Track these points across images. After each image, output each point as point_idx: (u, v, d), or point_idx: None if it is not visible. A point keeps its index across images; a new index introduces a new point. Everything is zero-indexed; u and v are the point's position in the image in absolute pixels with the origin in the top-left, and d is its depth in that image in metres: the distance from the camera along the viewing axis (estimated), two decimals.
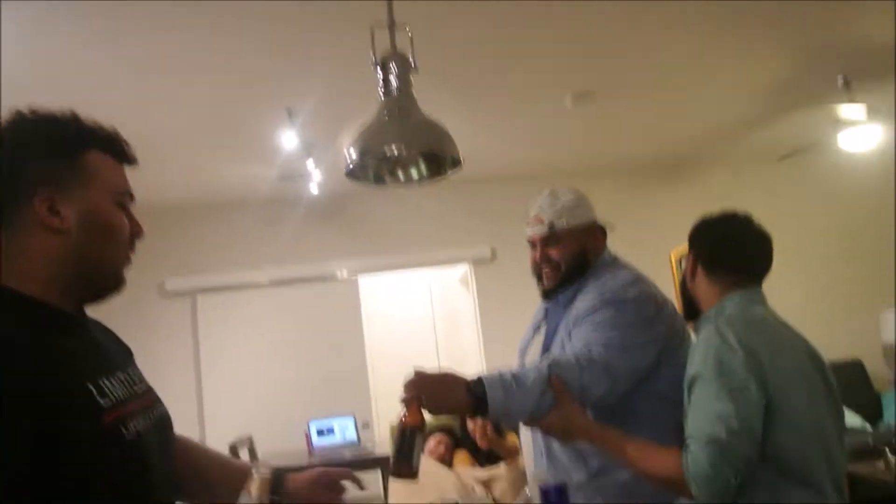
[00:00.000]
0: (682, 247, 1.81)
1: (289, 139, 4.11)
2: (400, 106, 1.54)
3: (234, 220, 5.61)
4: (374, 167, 1.64)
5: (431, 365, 6.64)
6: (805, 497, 1.43)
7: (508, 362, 5.67)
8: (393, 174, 1.67)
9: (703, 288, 1.72)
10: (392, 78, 1.56)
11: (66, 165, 1.08)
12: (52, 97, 1.26)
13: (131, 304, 5.39)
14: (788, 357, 1.53)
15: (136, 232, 1.19)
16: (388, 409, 6.37)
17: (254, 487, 1.15)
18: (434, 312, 6.96)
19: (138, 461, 1.07)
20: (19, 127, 1.07)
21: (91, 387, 1.02)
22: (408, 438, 1.40)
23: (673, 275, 5.68)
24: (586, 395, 1.62)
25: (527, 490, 1.37)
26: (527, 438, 2.05)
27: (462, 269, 6.05)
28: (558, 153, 5.35)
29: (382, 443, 4.18)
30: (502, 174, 5.60)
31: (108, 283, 1.15)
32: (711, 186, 5.86)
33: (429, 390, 1.51)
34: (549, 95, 4.17)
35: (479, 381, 1.55)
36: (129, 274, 1.13)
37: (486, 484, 3.13)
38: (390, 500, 3.13)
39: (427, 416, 1.47)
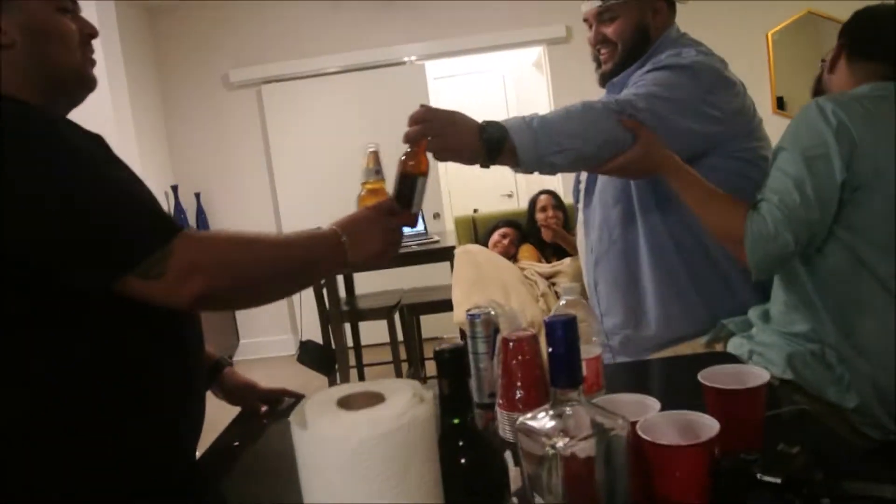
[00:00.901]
0: (780, 26, 1.55)
1: None
2: None
3: (295, 5, 5.33)
4: None
5: None
6: (886, 268, 1.33)
7: None
8: None
9: (840, 80, 1.49)
10: None
11: None
12: None
13: (198, 98, 5.43)
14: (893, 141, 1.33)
15: (87, 33, 1.20)
16: (459, 200, 6.38)
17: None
18: (507, 99, 6.67)
19: None
20: None
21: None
22: (408, 184, 1.31)
23: (769, 57, 5.15)
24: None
25: (562, 287, 1.27)
26: (580, 242, 1.94)
27: (535, 52, 5.66)
28: None
29: (451, 234, 4.16)
30: None
31: (72, 85, 1.18)
32: None
33: (436, 129, 1.36)
34: None
35: (496, 123, 1.41)
36: (194, 67, 1.09)
37: (549, 278, 3.09)
38: (453, 290, 3.14)
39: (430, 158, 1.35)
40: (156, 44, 5.40)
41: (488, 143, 1.39)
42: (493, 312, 1.29)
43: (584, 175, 1.90)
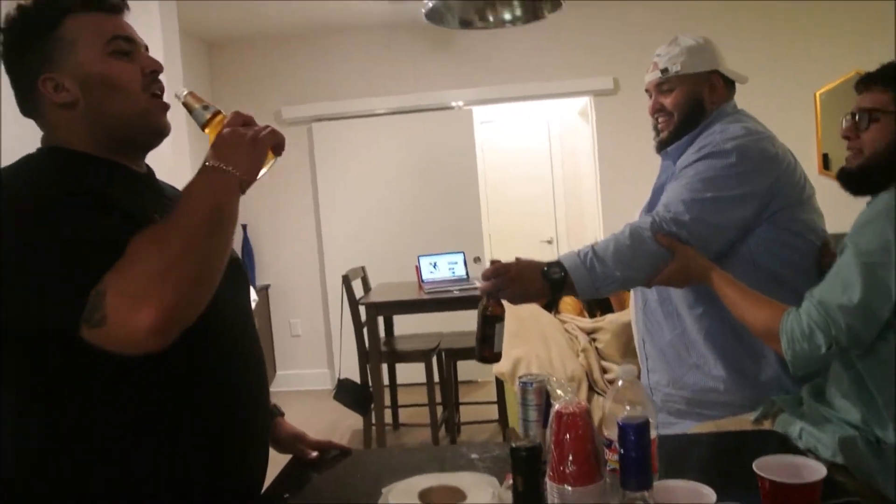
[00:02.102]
0: (829, 86, 1.57)
1: None
2: None
3: (348, 46, 5.47)
4: (460, 10, 1.45)
5: (547, 203, 6.55)
6: None
7: (624, 200, 5.50)
8: (482, 16, 1.48)
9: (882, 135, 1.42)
10: None
11: (49, 43, 1.12)
12: None
13: None
14: None
15: (150, 70, 1.19)
16: (501, 246, 6.41)
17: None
18: (550, 145, 6.71)
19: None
20: (6, 33, 1.14)
21: (153, 214, 1.09)
22: (489, 326, 1.52)
23: (816, 116, 5.14)
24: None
25: (619, 376, 1.29)
26: (632, 298, 1.99)
27: (582, 101, 5.72)
28: None
29: None
30: None
31: (139, 132, 1.18)
32: (873, 13, 5.09)
33: (507, 284, 1.57)
34: None
35: (556, 263, 1.61)
36: (248, 102, 1.08)
37: (590, 333, 3.09)
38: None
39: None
40: (212, 77, 5.57)
41: (552, 285, 1.60)
42: (545, 380, 1.31)
43: None
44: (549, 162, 6.70)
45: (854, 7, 5.04)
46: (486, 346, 1.51)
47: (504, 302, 1.59)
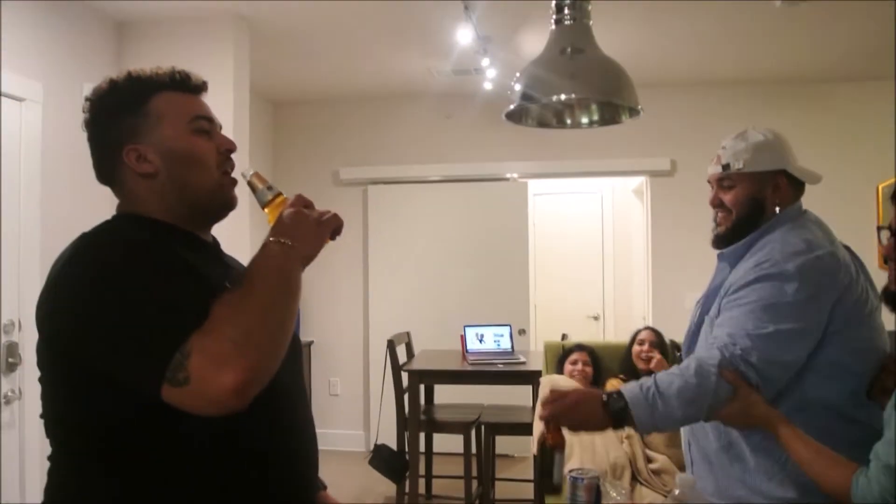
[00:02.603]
0: (891, 180, 1.50)
1: (464, 34, 4.00)
2: (573, 42, 1.33)
3: (408, 113, 5.61)
4: (539, 114, 1.47)
5: (596, 279, 6.50)
6: None
7: (674, 281, 5.42)
8: (560, 119, 1.49)
9: None
10: (567, 1, 1.35)
11: (137, 118, 1.20)
12: None
13: (307, 190, 5.64)
14: None
15: (225, 149, 1.26)
16: (546, 318, 6.37)
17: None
18: (603, 222, 6.71)
19: None
20: (95, 104, 1.22)
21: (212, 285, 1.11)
22: (548, 456, 1.48)
23: (878, 210, 5.04)
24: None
25: (676, 486, 1.26)
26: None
27: (637, 180, 5.72)
28: (756, 60, 4.78)
29: (537, 355, 4.14)
30: (688, 79, 5.14)
31: (211, 204, 1.24)
32: None
33: (566, 412, 1.55)
34: None
35: (617, 394, 1.54)
36: (308, 161, 1.11)
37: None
38: (535, 421, 3.09)
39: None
40: (276, 135, 5.74)
41: (614, 416, 1.53)
42: (597, 477, 1.28)
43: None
44: (600, 238, 6.68)
45: None
46: (545, 477, 1.53)
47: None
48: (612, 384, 3.33)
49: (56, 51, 3.40)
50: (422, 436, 4.08)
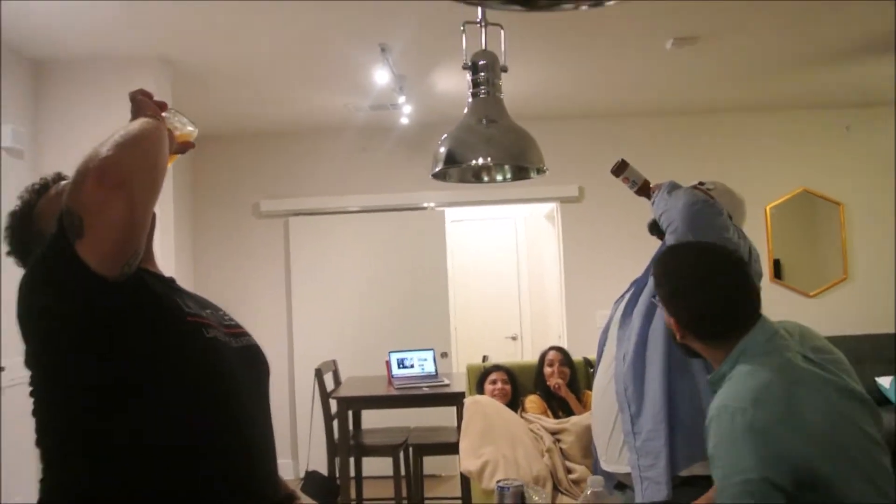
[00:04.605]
0: (778, 201, 1.79)
1: (381, 75, 4.18)
2: (487, 113, 1.55)
3: (327, 146, 5.76)
4: (460, 174, 1.68)
5: (512, 301, 6.76)
6: None
7: (586, 300, 5.71)
8: (478, 177, 1.71)
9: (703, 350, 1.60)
10: (482, 79, 1.57)
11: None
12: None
13: (231, 224, 5.75)
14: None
15: None
16: (466, 340, 6.57)
17: None
18: (518, 246, 7.00)
19: (218, 358, 1.30)
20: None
21: (178, 300, 1.28)
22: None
23: (767, 232, 5.52)
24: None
25: (588, 487, 1.45)
26: (598, 409, 2.13)
27: (549, 206, 6.03)
28: (652, 94, 5.18)
29: (460, 377, 4.33)
30: (594, 111, 5.50)
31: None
32: (818, 136, 5.58)
33: None
34: (649, 39, 4.02)
35: None
36: (227, 194, 1.20)
37: (555, 434, 3.24)
38: (462, 440, 3.28)
39: None
40: (194, 168, 5.77)
41: None
42: (522, 486, 1.46)
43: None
44: (515, 261, 6.97)
45: (803, 127, 5.56)
46: None
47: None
48: (531, 400, 3.56)
49: None
50: (351, 460, 4.20)
